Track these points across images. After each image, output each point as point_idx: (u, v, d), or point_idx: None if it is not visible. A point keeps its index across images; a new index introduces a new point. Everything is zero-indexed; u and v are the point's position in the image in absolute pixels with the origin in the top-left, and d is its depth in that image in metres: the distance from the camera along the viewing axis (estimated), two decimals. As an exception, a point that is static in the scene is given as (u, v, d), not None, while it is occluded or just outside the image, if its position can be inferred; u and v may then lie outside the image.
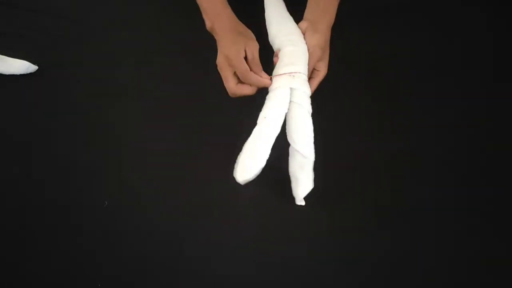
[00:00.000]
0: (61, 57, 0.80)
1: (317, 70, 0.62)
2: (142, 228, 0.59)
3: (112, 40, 0.83)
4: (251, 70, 0.60)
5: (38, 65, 0.77)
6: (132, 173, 0.64)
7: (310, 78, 0.62)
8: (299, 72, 0.58)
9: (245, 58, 0.60)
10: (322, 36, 0.62)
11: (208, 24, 0.66)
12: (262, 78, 0.60)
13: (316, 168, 0.61)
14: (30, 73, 0.77)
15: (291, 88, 0.57)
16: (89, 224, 0.60)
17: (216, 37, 0.65)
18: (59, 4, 0.89)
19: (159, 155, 0.66)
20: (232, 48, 0.60)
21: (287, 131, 0.58)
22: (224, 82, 0.62)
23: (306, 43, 0.61)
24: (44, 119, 0.72)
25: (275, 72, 0.60)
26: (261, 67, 0.61)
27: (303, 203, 0.57)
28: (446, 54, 0.78)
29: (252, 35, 0.63)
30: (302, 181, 0.56)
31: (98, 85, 0.76)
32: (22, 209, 0.61)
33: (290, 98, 0.57)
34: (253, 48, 0.60)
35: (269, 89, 0.60)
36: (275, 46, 0.63)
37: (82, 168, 0.65)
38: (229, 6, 0.67)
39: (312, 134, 0.57)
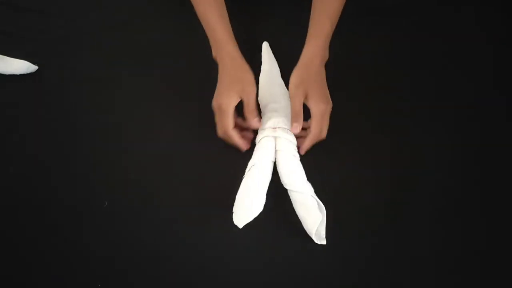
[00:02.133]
0: (61, 57, 0.80)
1: (308, 128, 0.63)
2: (142, 228, 0.59)
3: (112, 40, 0.83)
4: (245, 114, 0.63)
5: (38, 65, 0.77)
6: (132, 173, 0.64)
7: (301, 137, 0.63)
8: (280, 125, 0.62)
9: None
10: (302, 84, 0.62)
11: (213, 54, 0.68)
12: (240, 143, 0.62)
13: (315, 167, 0.62)
14: (30, 73, 0.77)
15: (275, 137, 0.62)
16: (89, 224, 0.59)
17: (218, 70, 0.66)
18: (59, 4, 0.89)
19: (159, 155, 0.66)
20: (224, 99, 0.62)
21: (280, 178, 0.60)
22: (216, 122, 0.64)
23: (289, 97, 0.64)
24: (44, 119, 0.72)
25: (260, 126, 0.65)
26: (255, 113, 0.63)
27: (323, 242, 0.55)
28: (446, 54, 0.78)
29: (251, 77, 0.64)
30: (310, 217, 0.55)
31: (98, 85, 0.76)
32: (21, 209, 0.61)
33: (276, 147, 0.61)
34: (249, 94, 0.62)
35: (256, 141, 0.64)
36: (261, 106, 0.68)
37: (82, 168, 0.65)
38: (233, 38, 0.67)
39: (303, 173, 0.59)
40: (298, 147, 0.63)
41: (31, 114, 0.72)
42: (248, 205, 0.56)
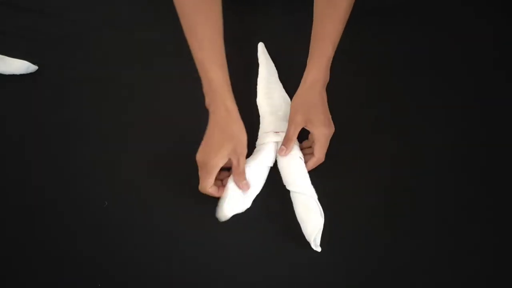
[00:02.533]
0: (61, 57, 0.80)
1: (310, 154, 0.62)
2: (142, 228, 0.59)
3: (112, 40, 0.83)
4: (234, 176, 0.59)
5: (38, 65, 0.77)
6: (132, 173, 0.64)
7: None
8: (282, 129, 0.63)
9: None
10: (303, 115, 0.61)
11: (206, 102, 0.63)
12: (219, 195, 0.58)
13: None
14: (30, 73, 0.77)
15: (277, 142, 0.62)
16: (89, 224, 0.59)
17: (209, 120, 0.62)
18: (59, 4, 0.89)
19: (159, 154, 0.66)
20: (211, 158, 0.57)
21: (283, 179, 0.60)
22: (200, 177, 0.59)
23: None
24: (44, 119, 0.72)
25: (261, 130, 0.65)
26: (244, 176, 0.59)
27: (318, 249, 0.54)
28: (445, 54, 0.78)
29: (244, 137, 0.60)
30: (310, 221, 0.55)
31: (98, 85, 0.76)
32: (21, 209, 0.61)
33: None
34: (240, 155, 0.58)
35: (256, 144, 0.63)
36: (260, 109, 0.68)
37: (82, 168, 0.65)
38: (230, 90, 0.62)
39: (307, 175, 0.59)
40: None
41: (31, 114, 0.72)
42: (234, 205, 0.57)
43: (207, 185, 0.58)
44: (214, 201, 0.59)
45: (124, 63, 0.79)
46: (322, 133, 0.61)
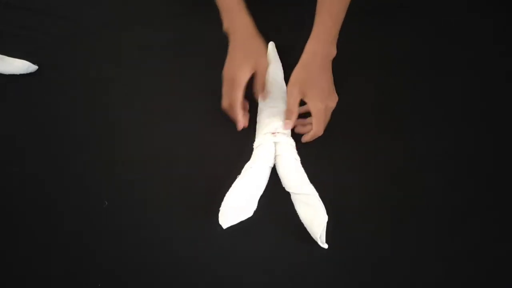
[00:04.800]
0: (61, 57, 0.80)
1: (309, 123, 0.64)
2: (142, 228, 0.59)
3: (112, 40, 0.83)
4: (255, 87, 0.65)
5: (38, 65, 0.77)
6: (132, 173, 0.64)
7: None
8: (279, 131, 0.63)
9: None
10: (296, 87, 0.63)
11: (224, 26, 0.68)
12: (241, 121, 0.64)
13: (314, 167, 0.62)
14: (30, 73, 0.77)
15: (275, 143, 0.62)
16: (89, 224, 0.59)
17: (229, 41, 0.67)
18: (59, 4, 0.89)
19: (159, 155, 0.66)
20: (238, 71, 0.63)
21: (282, 182, 0.60)
22: (222, 92, 0.65)
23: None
24: (44, 119, 0.72)
25: (258, 131, 0.64)
26: (263, 87, 0.66)
27: (325, 246, 0.54)
28: (445, 54, 0.78)
29: (264, 49, 0.66)
30: (316, 218, 0.55)
31: (98, 85, 0.76)
32: (21, 209, 0.61)
33: (276, 152, 0.61)
34: (263, 67, 0.64)
35: (254, 146, 0.63)
36: (259, 106, 0.68)
37: (82, 168, 0.65)
38: (245, 7, 0.68)
39: (305, 176, 0.59)
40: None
41: (31, 114, 0.72)
42: (239, 207, 0.56)
43: (237, 100, 0.63)
44: (215, 201, 0.59)
45: (124, 63, 0.79)
46: (317, 107, 0.62)
